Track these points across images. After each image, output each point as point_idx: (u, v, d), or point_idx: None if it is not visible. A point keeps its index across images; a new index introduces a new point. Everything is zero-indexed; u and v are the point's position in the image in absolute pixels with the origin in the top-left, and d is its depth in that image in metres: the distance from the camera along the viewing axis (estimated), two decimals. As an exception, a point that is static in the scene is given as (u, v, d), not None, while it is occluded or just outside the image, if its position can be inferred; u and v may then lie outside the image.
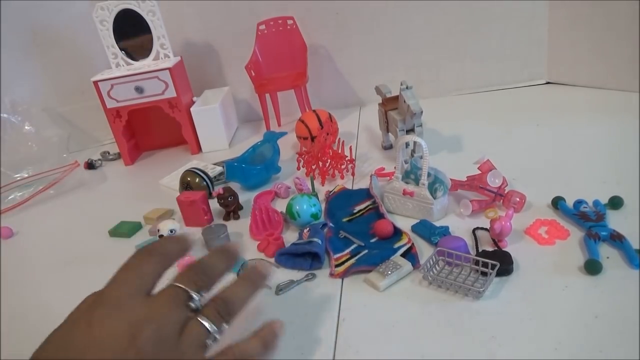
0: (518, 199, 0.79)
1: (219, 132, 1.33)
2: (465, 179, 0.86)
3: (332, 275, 0.71)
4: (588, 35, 1.27)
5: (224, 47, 1.48)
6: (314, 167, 1.03)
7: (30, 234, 1.05)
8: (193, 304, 0.39)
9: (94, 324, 0.35)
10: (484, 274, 0.64)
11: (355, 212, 0.88)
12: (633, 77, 1.19)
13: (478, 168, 0.84)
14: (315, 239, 0.75)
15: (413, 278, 0.68)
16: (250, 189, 1.04)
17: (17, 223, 1.09)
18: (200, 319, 0.38)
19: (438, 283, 0.65)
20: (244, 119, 1.57)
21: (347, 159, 1.03)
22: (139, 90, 1.27)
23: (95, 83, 1.26)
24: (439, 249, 0.69)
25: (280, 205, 0.94)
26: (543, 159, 0.97)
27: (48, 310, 0.77)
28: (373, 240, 0.78)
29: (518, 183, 0.87)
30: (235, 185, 1.04)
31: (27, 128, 1.37)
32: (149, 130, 1.43)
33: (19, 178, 1.30)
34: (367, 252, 0.74)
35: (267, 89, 1.37)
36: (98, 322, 0.35)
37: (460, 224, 0.79)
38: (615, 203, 0.75)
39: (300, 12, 1.41)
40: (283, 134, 1.15)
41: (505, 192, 0.81)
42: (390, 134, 1.12)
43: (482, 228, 0.76)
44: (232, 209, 0.93)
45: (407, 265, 0.68)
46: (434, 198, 0.80)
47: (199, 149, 1.36)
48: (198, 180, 1.01)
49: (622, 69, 1.22)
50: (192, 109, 1.32)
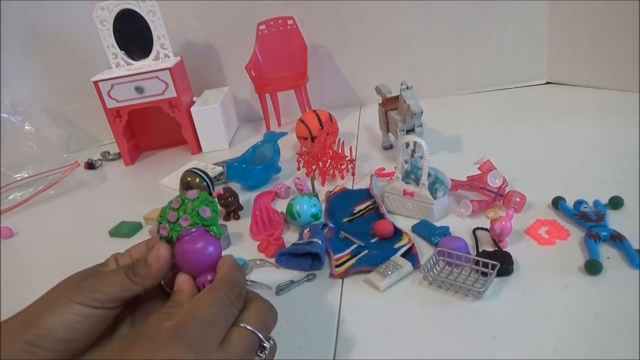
0: (518, 199, 0.79)
1: (219, 132, 1.33)
2: (466, 179, 0.86)
3: (332, 276, 0.71)
4: (588, 35, 1.27)
5: (224, 47, 1.48)
6: (314, 167, 1.03)
7: (31, 234, 1.05)
8: (263, 355, 0.39)
9: None
10: (484, 274, 0.64)
11: (356, 212, 0.88)
12: (633, 77, 1.19)
13: (478, 168, 0.84)
14: (316, 240, 0.75)
15: (413, 278, 0.68)
16: (251, 189, 1.04)
17: (17, 223, 1.09)
18: None
19: (438, 283, 0.65)
20: (244, 119, 1.57)
21: (347, 159, 1.03)
22: (139, 90, 1.27)
23: (96, 83, 1.26)
24: (439, 249, 0.69)
25: (281, 206, 0.94)
26: (543, 159, 0.97)
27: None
28: (373, 241, 0.78)
29: (518, 183, 0.87)
30: (236, 186, 1.04)
31: (27, 128, 1.37)
32: (149, 130, 1.43)
33: (19, 178, 1.30)
34: (367, 252, 0.74)
35: (267, 89, 1.37)
36: None
37: (461, 224, 0.79)
38: (616, 203, 0.75)
39: (301, 12, 1.41)
40: (283, 134, 1.15)
41: (506, 192, 0.81)
42: (391, 134, 1.12)
43: (482, 228, 0.76)
44: (232, 209, 0.93)
45: (407, 266, 0.68)
46: (434, 198, 0.80)
47: (199, 149, 1.36)
48: (198, 181, 1.00)
49: (622, 69, 1.22)
50: (192, 109, 1.32)
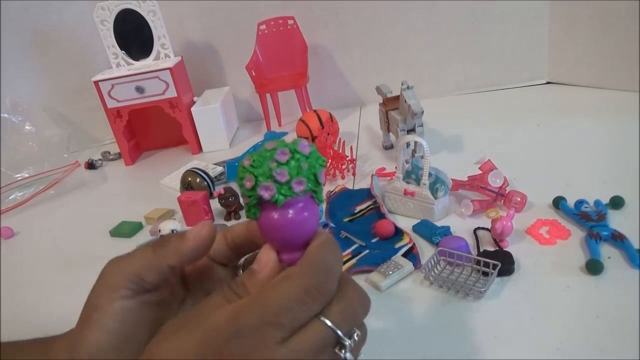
0: (519, 199, 0.79)
1: (220, 132, 1.33)
2: (466, 179, 0.86)
3: (333, 275, 0.70)
4: (588, 35, 1.27)
5: (225, 47, 1.48)
6: (315, 167, 1.02)
7: (31, 234, 1.05)
8: (342, 353, 0.30)
9: None
10: (485, 274, 0.64)
11: (356, 212, 0.88)
12: (633, 77, 1.19)
13: (479, 168, 0.84)
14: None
15: (414, 278, 0.68)
16: (251, 189, 1.03)
17: (17, 223, 1.09)
18: None
19: (439, 283, 0.65)
20: (245, 119, 1.57)
21: (347, 159, 1.03)
22: (140, 90, 1.27)
23: (96, 83, 1.26)
24: (440, 249, 0.69)
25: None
26: (544, 159, 0.97)
27: (48, 311, 0.77)
28: (374, 240, 0.78)
29: (519, 183, 0.87)
30: (236, 185, 1.04)
31: (27, 128, 1.37)
32: (150, 130, 1.43)
33: (20, 178, 1.30)
34: (368, 252, 0.74)
35: (267, 89, 1.37)
36: None
37: (462, 224, 0.79)
38: (617, 203, 0.75)
39: (301, 12, 1.41)
40: (284, 134, 1.15)
41: (506, 192, 0.81)
42: (391, 134, 1.12)
43: (483, 228, 0.76)
44: (233, 209, 0.93)
45: (408, 266, 0.68)
46: (435, 198, 0.80)
47: (200, 149, 1.36)
48: (199, 180, 1.01)
49: (622, 69, 1.22)
50: (192, 109, 1.32)
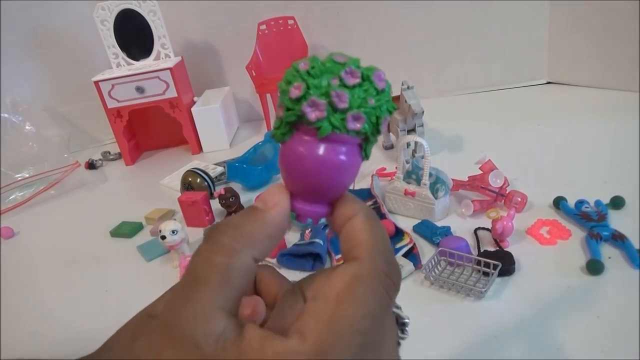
0: (519, 199, 0.79)
1: (220, 132, 1.33)
2: (467, 179, 0.86)
3: (333, 276, 0.70)
4: (588, 36, 1.27)
5: (225, 47, 1.48)
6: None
7: (31, 234, 1.05)
8: (405, 335, 0.27)
9: None
10: (486, 274, 0.64)
11: (357, 212, 0.87)
12: (633, 77, 1.19)
13: (479, 168, 0.84)
14: (317, 240, 0.75)
15: (415, 278, 0.68)
16: (252, 190, 1.04)
17: (17, 223, 1.09)
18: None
19: (440, 283, 0.65)
20: (245, 119, 1.57)
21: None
22: (140, 90, 1.27)
23: (96, 83, 1.26)
24: (441, 249, 0.69)
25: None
26: (544, 159, 0.97)
27: (48, 311, 0.77)
28: (375, 241, 0.77)
29: (519, 183, 0.87)
30: (237, 186, 1.04)
31: (27, 128, 1.37)
32: (150, 130, 1.43)
33: (20, 178, 1.30)
34: (368, 252, 0.74)
35: (268, 89, 1.37)
36: None
37: (462, 224, 0.79)
38: (617, 203, 0.75)
39: (301, 12, 1.41)
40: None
41: (507, 192, 0.81)
42: (392, 134, 1.12)
43: (483, 228, 0.76)
44: (233, 210, 0.93)
45: (408, 266, 0.68)
46: (436, 198, 0.80)
47: (200, 149, 1.36)
48: (199, 181, 1.01)
49: (622, 69, 1.22)
50: (192, 109, 1.32)
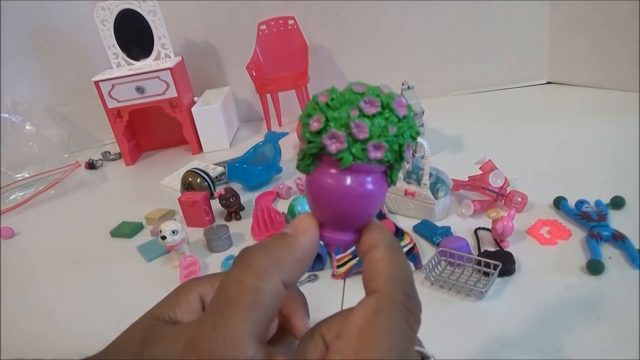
0: (520, 199, 0.79)
1: (220, 132, 1.33)
2: (467, 179, 0.86)
3: (334, 276, 0.71)
4: (588, 35, 1.27)
5: (225, 47, 1.48)
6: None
7: (31, 234, 1.05)
8: None
9: None
10: (486, 274, 0.64)
11: (357, 212, 0.87)
12: (633, 77, 1.19)
13: (480, 168, 0.84)
14: (317, 240, 0.75)
15: (415, 278, 0.68)
16: (252, 190, 1.04)
17: (18, 223, 1.09)
18: None
19: (440, 283, 0.65)
20: (245, 119, 1.57)
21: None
22: (140, 90, 1.27)
23: (96, 83, 1.26)
24: (441, 249, 0.69)
25: (282, 206, 0.94)
26: (544, 159, 0.97)
27: (48, 311, 0.77)
28: (375, 241, 0.77)
29: (520, 183, 0.87)
30: (237, 186, 1.04)
31: (27, 128, 1.37)
32: (150, 130, 1.43)
33: (20, 178, 1.30)
34: (369, 252, 0.74)
35: (268, 89, 1.37)
36: None
37: (462, 224, 0.79)
38: (617, 203, 0.75)
39: (301, 12, 1.41)
40: (284, 134, 1.15)
41: (507, 192, 0.81)
42: (392, 134, 1.12)
43: (484, 228, 0.76)
44: (233, 210, 0.93)
45: (409, 266, 0.68)
46: (436, 198, 0.80)
47: (200, 149, 1.36)
48: (199, 181, 1.01)
49: (622, 69, 1.22)
50: (193, 109, 1.32)
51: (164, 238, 0.78)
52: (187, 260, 0.78)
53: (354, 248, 0.75)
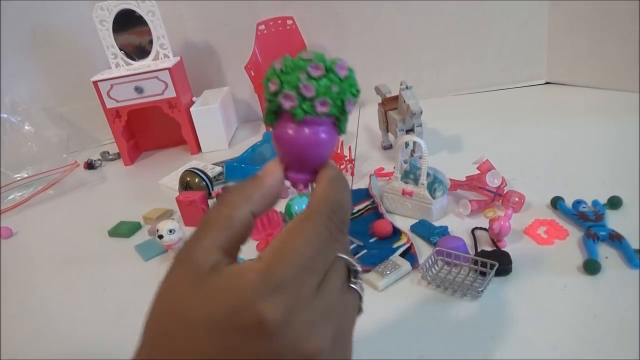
0: (517, 199, 0.79)
1: (219, 132, 1.33)
2: (465, 179, 0.86)
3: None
4: (588, 36, 1.27)
5: (224, 47, 1.48)
6: (314, 167, 1.02)
7: (30, 234, 1.05)
8: (358, 280, 0.30)
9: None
10: (483, 274, 0.64)
11: (355, 212, 0.88)
12: (633, 77, 1.19)
13: (477, 168, 0.84)
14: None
15: (412, 278, 0.68)
16: (250, 189, 1.03)
17: (16, 223, 1.09)
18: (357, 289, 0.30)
19: (437, 283, 0.65)
20: (244, 119, 1.57)
21: (346, 159, 1.03)
22: (139, 91, 1.27)
23: (95, 83, 1.26)
24: (438, 249, 0.69)
25: (279, 206, 0.93)
26: (542, 159, 0.97)
27: (48, 310, 0.78)
28: (372, 240, 0.78)
29: (517, 183, 0.87)
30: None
31: (26, 128, 1.37)
32: (149, 130, 1.43)
33: (19, 178, 1.30)
34: (366, 252, 0.74)
35: (266, 89, 1.37)
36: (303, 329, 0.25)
37: (459, 224, 0.79)
38: (615, 203, 0.75)
39: (300, 12, 1.41)
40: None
41: (505, 192, 0.81)
42: (390, 134, 1.12)
43: (481, 228, 0.76)
44: (231, 209, 0.93)
45: (406, 265, 0.68)
46: (433, 198, 0.80)
47: (199, 149, 1.36)
48: (198, 180, 1.01)
49: (622, 69, 1.22)
50: (191, 109, 1.32)
51: (161, 237, 0.78)
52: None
53: (352, 247, 0.75)
